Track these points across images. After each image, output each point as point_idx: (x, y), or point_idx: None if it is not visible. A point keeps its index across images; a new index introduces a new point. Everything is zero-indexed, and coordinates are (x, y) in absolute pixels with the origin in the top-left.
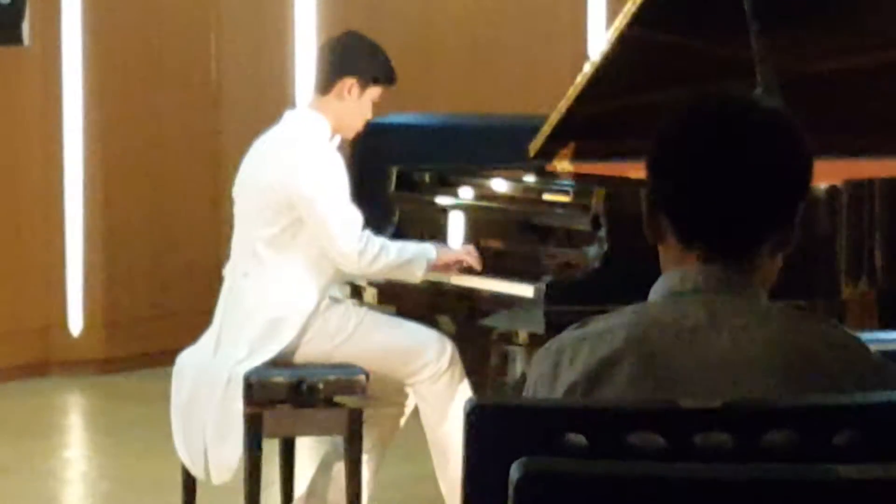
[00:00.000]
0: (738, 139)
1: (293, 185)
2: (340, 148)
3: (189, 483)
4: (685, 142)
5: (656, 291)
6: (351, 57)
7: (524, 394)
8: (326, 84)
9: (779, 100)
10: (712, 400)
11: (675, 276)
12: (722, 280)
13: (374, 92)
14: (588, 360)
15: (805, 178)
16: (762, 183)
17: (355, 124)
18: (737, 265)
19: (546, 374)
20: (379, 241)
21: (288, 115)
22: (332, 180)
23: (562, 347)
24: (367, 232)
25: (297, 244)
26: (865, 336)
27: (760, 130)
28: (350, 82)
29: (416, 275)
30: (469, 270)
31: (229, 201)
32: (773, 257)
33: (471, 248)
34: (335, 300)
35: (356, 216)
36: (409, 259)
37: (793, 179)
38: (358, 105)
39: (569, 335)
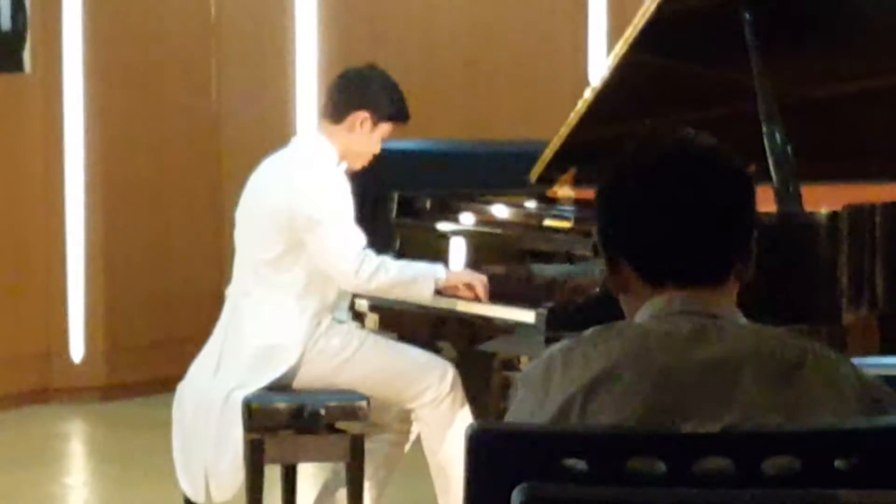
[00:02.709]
0: (680, 178)
1: (298, 207)
2: (347, 172)
3: None
4: (629, 191)
5: (644, 314)
6: (368, 91)
7: (512, 403)
8: (340, 114)
9: (780, 124)
10: (711, 419)
11: (659, 301)
12: (702, 303)
13: (385, 128)
14: (583, 370)
15: (750, 204)
16: (711, 213)
17: (361, 157)
18: (710, 290)
19: (536, 380)
20: (377, 260)
21: (296, 140)
22: (337, 204)
23: (552, 354)
24: (368, 251)
25: (298, 266)
26: (867, 361)
27: (700, 165)
28: (363, 116)
29: (424, 294)
30: (475, 298)
31: (231, 227)
32: (735, 284)
33: (483, 277)
34: (338, 321)
35: (358, 236)
36: (413, 278)
37: (738, 206)
38: (367, 139)
39: (560, 345)
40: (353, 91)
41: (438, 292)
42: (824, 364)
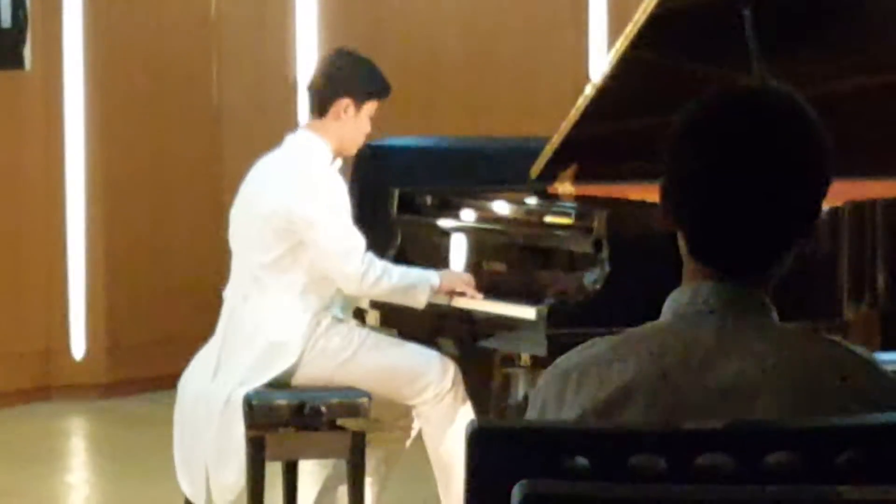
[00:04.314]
0: (755, 154)
1: (295, 210)
2: (342, 171)
3: None
4: (699, 160)
5: (668, 308)
6: (344, 77)
7: (528, 414)
8: (323, 106)
9: None
10: (712, 422)
11: (686, 292)
12: (734, 299)
13: (371, 107)
14: (596, 391)
15: (827, 175)
16: (783, 200)
17: (356, 141)
18: (751, 281)
19: (551, 398)
20: (382, 265)
21: (288, 140)
22: (333, 204)
23: (568, 371)
24: (370, 255)
25: (297, 267)
26: None
27: (778, 145)
28: (346, 102)
29: (420, 300)
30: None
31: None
32: (778, 268)
33: (469, 277)
34: (338, 320)
35: (358, 239)
36: (413, 284)
37: (816, 181)
38: (356, 123)
39: (577, 356)
40: (330, 81)
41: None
42: (845, 381)
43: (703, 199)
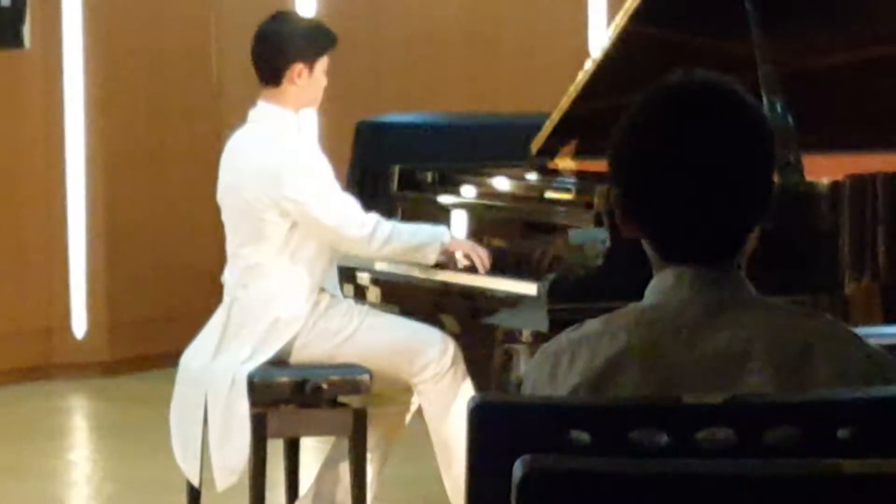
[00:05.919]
0: (701, 151)
1: (280, 196)
2: (300, 132)
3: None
4: (652, 165)
5: (652, 292)
6: (289, 44)
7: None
8: (275, 77)
9: (781, 94)
10: (712, 396)
11: (669, 276)
12: (712, 280)
13: (323, 63)
14: (589, 363)
15: (772, 161)
16: (736, 186)
17: (317, 98)
18: (725, 263)
19: (543, 377)
20: (389, 224)
21: (252, 116)
22: (315, 177)
23: (559, 350)
24: (375, 215)
25: (291, 247)
26: (868, 331)
27: (718, 135)
28: (298, 68)
29: (430, 258)
30: (472, 269)
31: None
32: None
33: (484, 251)
34: (336, 299)
35: (351, 204)
36: (423, 242)
37: (763, 168)
38: (312, 83)
39: (566, 337)
40: (276, 50)
41: (439, 265)
42: (832, 349)
43: (663, 203)
